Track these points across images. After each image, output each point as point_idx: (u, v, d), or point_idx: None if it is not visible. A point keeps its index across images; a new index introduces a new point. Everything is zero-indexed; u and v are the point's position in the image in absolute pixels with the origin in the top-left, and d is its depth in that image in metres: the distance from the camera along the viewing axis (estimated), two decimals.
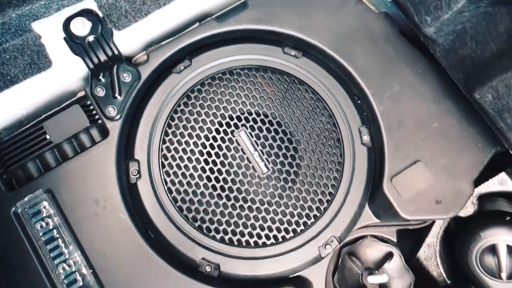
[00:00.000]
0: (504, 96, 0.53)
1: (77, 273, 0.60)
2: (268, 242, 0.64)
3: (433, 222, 0.76)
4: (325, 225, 0.65)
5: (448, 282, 0.77)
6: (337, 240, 0.66)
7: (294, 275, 0.65)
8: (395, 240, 0.77)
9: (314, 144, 0.68)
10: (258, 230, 0.64)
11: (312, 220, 0.65)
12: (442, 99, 0.68)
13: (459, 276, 0.77)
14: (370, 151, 0.68)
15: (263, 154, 0.66)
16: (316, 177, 0.66)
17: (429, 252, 0.78)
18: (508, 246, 0.68)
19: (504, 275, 0.69)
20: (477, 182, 0.71)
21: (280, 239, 0.64)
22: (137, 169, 0.65)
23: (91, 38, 0.66)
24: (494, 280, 0.70)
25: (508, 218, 0.72)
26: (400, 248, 0.77)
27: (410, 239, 0.84)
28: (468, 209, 0.74)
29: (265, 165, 0.66)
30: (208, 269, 0.63)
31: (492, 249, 0.70)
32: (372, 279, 0.75)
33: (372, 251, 0.78)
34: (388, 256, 0.77)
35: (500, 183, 0.71)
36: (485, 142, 0.67)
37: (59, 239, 0.61)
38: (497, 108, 0.55)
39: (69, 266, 0.61)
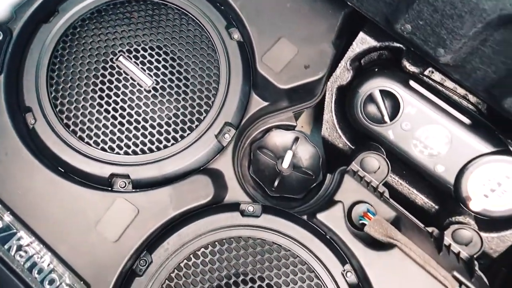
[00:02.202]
0: None
1: None
2: (169, 144, 0.70)
3: (323, 100, 0.84)
4: (215, 114, 0.71)
5: (353, 147, 0.85)
6: (233, 127, 0.72)
7: (204, 167, 0.71)
8: (295, 124, 0.84)
9: (189, 50, 0.74)
10: (157, 135, 0.70)
11: (204, 114, 0.71)
12: None
13: (358, 138, 0.85)
14: (241, 44, 0.75)
15: (145, 70, 0.72)
16: (199, 77, 0.73)
17: (330, 127, 0.86)
18: (380, 91, 0.77)
19: (386, 117, 0.78)
20: (344, 49, 0.80)
21: (179, 138, 0.70)
22: (33, 117, 0.69)
23: None
24: (382, 126, 0.78)
25: (376, 69, 0.81)
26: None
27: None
28: (346, 76, 0.82)
29: (149, 78, 0.72)
30: (122, 184, 0.68)
31: (371, 99, 0.78)
32: (285, 163, 0.82)
33: (280, 141, 0.85)
34: (295, 140, 0.84)
35: (361, 42, 0.79)
36: (334, 7, 0.75)
37: None
38: None
39: None
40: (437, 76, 0.83)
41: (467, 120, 0.75)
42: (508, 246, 0.81)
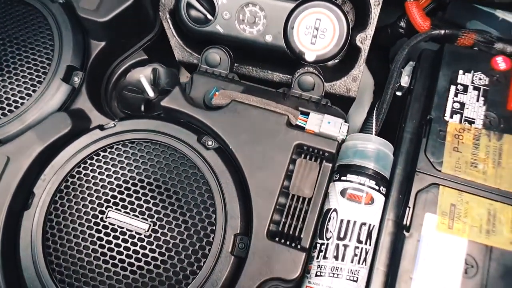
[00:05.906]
0: None
1: None
2: (25, 100, 0.79)
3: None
4: (57, 62, 0.81)
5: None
6: (79, 70, 0.82)
7: (64, 109, 0.80)
8: (147, 57, 0.94)
9: (20, 20, 0.84)
10: (12, 98, 0.79)
11: (48, 67, 0.81)
12: None
13: (205, 48, 0.95)
14: (63, 4, 0.85)
15: None
16: (35, 41, 0.82)
17: (179, 50, 0.95)
18: None
19: (209, 15, 0.87)
20: None
21: (32, 92, 0.79)
22: None
23: None
24: (210, 24, 0.88)
25: None
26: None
27: None
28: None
29: None
30: None
31: (190, 5, 0.88)
32: (149, 92, 0.91)
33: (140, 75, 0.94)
34: (153, 71, 0.94)
35: None
36: None
37: None
38: None
39: None
40: None
41: None
42: (359, 83, 0.90)
